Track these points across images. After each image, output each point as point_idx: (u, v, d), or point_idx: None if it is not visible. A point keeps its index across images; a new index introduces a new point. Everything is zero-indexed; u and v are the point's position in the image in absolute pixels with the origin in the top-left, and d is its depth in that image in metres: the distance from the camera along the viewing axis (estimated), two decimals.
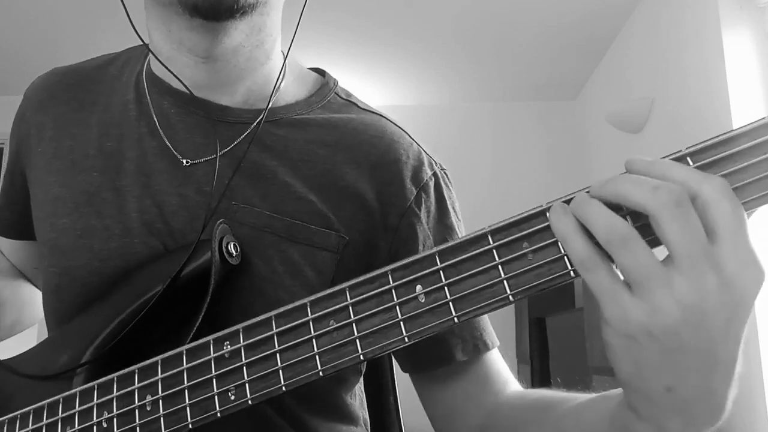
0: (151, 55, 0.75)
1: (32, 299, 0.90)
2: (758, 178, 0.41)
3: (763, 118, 0.42)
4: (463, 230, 0.73)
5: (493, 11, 2.85)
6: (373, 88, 3.54)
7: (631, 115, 2.79)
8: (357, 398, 0.79)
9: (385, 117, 0.76)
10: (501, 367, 0.72)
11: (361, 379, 0.81)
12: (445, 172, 0.74)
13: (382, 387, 0.89)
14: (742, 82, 2.11)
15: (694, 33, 2.34)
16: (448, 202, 0.73)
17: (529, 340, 3.06)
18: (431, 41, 3.12)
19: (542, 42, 3.09)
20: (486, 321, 0.71)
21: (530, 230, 0.45)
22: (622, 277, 0.41)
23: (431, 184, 0.71)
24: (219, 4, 0.62)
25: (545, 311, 3.02)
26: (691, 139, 0.45)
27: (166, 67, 0.69)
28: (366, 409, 0.81)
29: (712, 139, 0.42)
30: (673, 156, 0.43)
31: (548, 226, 0.45)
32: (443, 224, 0.71)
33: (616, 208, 0.42)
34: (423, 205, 0.70)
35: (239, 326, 0.55)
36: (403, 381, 0.91)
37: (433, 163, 0.74)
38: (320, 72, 0.79)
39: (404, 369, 0.72)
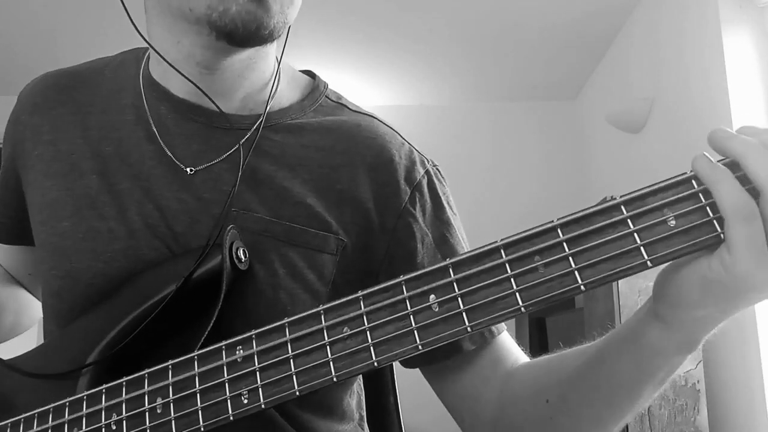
0: (149, 59, 0.75)
1: (29, 302, 0.89)
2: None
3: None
4: (459, 224, 0.74)
5: (492, 11, 2.85)
6: (373, 88, 3.53)
7: (631, 115, 2.78)
8: (355, 396, 0.79)
9: (376, 118, 0.76)
10: (511, 345, 0.72)
11: (360, 376, 0.81)
12: (437, 168, 0.75)
13: (382, 387, 0.90)
14: (742, 81, 2.10)
15: (694, 33, 2.34)
16: (442, 197, 0.73)
17: (529, 340, 3.06)
18: (431, 41, 3.12)
19: (542, 42, 3.09)
20: None
21: (542, 245, 0.47)
22: None
23: (424, 182, 0.72)
24: (255, 35, 0.63)
25: (545, 311, 3.02)
26: (691, 139, 0.45)
27: (176, 69, 0.69)
28: (364, 407, 0.81)
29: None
30: None
31: (560, 242, 0.46)
32: (440, 220, 0.72)
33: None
34: (418, 203, 0.71)
35: (252, 332, 0.56)
36: (403, 381, 0.91)
37: (425, 161, 0.74)
38: (310, 74, 0.80)
39: (413, 365, 0.72)
